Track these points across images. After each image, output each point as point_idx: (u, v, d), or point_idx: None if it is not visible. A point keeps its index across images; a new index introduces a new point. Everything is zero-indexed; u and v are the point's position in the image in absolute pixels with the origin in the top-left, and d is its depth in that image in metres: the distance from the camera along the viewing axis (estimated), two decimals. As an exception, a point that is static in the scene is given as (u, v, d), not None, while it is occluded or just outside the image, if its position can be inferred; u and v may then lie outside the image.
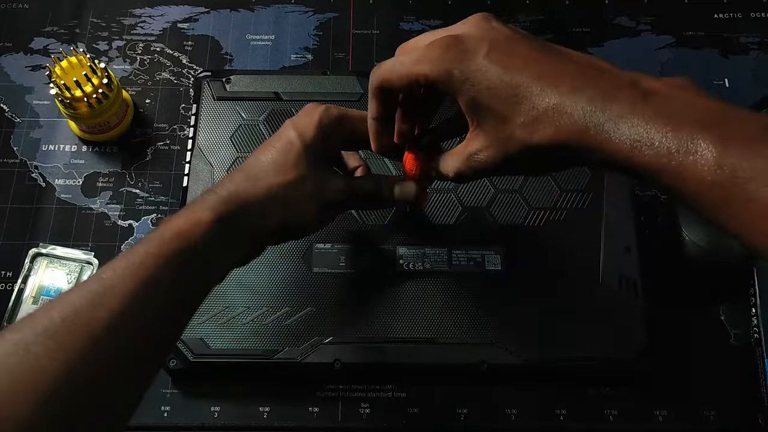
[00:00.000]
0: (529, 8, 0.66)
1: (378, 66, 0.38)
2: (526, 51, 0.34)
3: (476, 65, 0.34)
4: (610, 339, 0.50)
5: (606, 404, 0.51)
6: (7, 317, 0.53)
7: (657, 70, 0.63)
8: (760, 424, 0.51)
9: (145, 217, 0.57)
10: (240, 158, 0.55)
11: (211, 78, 0.58)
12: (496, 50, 0.34)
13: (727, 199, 0.27)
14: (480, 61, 0.34)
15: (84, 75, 0.54)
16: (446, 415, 0.51)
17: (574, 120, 0.31)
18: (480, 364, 0.49)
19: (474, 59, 0.34)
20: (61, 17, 0.65)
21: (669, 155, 0.28)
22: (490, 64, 0.33)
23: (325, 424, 0.51)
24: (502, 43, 0.34)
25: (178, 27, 0.65)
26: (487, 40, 0.34)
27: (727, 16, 0.66)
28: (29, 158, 0.59)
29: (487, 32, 0.35)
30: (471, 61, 0.34)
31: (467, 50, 0.34)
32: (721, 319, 0.54)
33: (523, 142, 0.33)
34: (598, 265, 0.52)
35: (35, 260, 0.55)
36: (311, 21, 0.66)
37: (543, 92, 0.32)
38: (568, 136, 0.31)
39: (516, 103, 0.33)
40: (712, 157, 0.27)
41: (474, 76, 0.34)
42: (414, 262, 0.52)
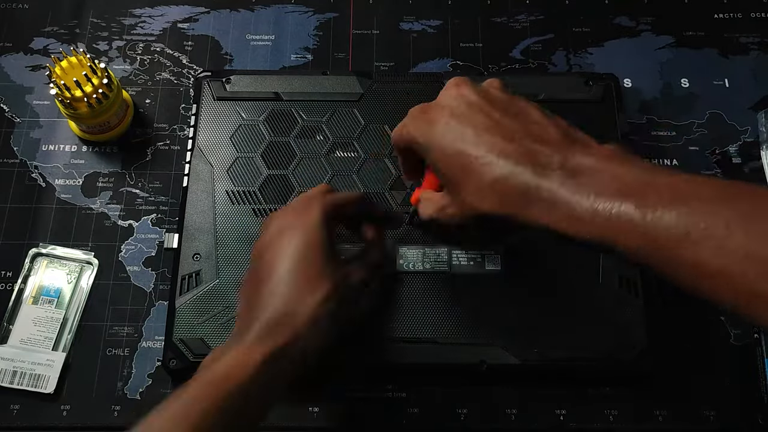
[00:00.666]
0: (529, 8, 0.66)
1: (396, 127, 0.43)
2: (483, 121, 0.37)
3: (434, 133, 0.38)
4: (610, 339, 0.50)
5: (606, 404, 0.51)
6: (7, 317, 0.53)
7: (657, 70, 0.63)
8: (760, 424, 0.51)
9: (145, 217, 0.57)
10: (240, 158, 0.55)
11: (211, 78, 0.58)
12: (454, 120, 0.37)
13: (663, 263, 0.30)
14: (438, 129, 0.37)
15: (84, 75, 0.54)
16: (446, 415, 0.51)
17: (515, 196, 0.34)
18: (480, 364, 0.49)
19: (434, 128, 0.38)
20: (61, 17, 0.65)
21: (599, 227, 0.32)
22: (445, 134, 0.37)
23: (325, 424, 0.51)
24: (462, 113, 0.37)
25: (178, 27, 0.65)
26: (448, 109, 0.38)
27: (727, 16, 0.66)
28: (29, 158, 0.59)
29: (453, 100, 0.38)
30: (431, 129, 0.38)
31: (430, 119, 0.38)
32: (721, 319, 0.54)
33: (474, 208, 0.36)
34: (598, 265, 0.52)
35: (35, 260, 0.55)
36: (311, 21, 0.66)
37: (487, 166, 0.35)
38: (511, 210, 0.34)
39: (466, 172, 0.36)
40: (633, 225, 0.31)
41: (432, 143, 0.38)
42: (414, 262, 0.52)
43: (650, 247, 0.30)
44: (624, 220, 0.31)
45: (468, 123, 0.37)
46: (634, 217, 0.31)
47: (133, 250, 0.56)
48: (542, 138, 0.35)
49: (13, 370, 0.51)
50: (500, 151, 0.35)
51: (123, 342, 0.53)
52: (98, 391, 0.52)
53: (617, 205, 0.31)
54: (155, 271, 0.55)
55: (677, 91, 0.62)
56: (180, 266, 0.52)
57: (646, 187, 0.31)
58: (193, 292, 0.51)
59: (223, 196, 0.54)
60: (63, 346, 0.52)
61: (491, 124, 0.36)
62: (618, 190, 0.32)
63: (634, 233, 0.31)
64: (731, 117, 0.61)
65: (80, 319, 0.53)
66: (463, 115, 0.37)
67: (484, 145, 0.36)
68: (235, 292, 0.51)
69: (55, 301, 0.54)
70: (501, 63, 0.63)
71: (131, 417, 0.51)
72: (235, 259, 0.52)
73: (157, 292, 0.55)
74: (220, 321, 0.50)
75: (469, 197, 0.36)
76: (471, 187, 0.36)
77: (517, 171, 0.34)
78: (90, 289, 0.54)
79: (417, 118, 0.40)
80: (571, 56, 0.64)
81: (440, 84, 0.57)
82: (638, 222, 0.30)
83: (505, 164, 0.35)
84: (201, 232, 0.53)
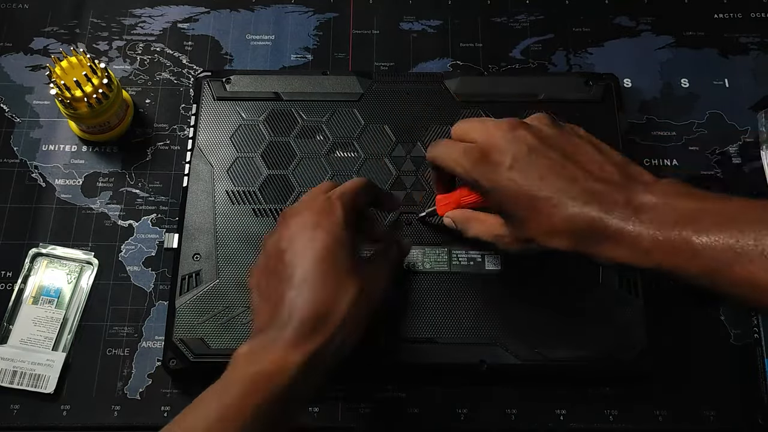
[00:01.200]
0: (529, 8, 0.66)
1: (434, 145, 0.45)
2: (546, 164, 0.39)
3: (499, 177, 0.39)
4: (610, 339, 0.50)
5: (606, 404, 0.51)
6: (7, 317, 0.53)
7: (657, 70, 0.63)
8: (760, 424, 0.51)
9: (145, 217, 0.57)
10: (240, 158, 0.55)
11: (211, 78, 0.58)
12: (517, 164, 0.39)
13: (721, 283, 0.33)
14: (503, 174, 0.39)
15: (84, 75, 0.54)
16: (446, 415, 0.51)
17: (584, 234, 0.37)
18: (480, 364, 0.49)
19: (497, 172, 0.39)
20: (61, 17, 0.65)
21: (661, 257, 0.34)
22: (510, 179, 0.39)
23: (325, 424, 0.51)
24: (524, 157, 0.39)
25: (178, 27, 0.65)
26: (510, 154, 0.39)
27: (727, 16, 0.66)
28: (29, 158, 0.59)
29: (512, 144, 0.40)
30: (495, 173, 0.39)
31: (492, 163, 0.40)
32: (721, 319, 0.54)
33: (541, 245, 0.39)
34: (598, 265, 0.52)
35: (35, 260, 0.55)
36: (311, 21, 0.66)
37: (557, 207, 0.37)
38: (581, 247, 0.37)
39: (534, 214, 0.38)
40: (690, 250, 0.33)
41: (497, 186, 0.39)
42: (414, 262, 0.52)
43: (708, 269, 0.33)
44: (682, 248, 0.34)
45: (532, 166, 0.39)
46: (691, 243, 0.34)
47: (133, 250, 0.56)
48: (602, 178, 0.38)
49: (13, 370, 0.51)
50: (567, 192, 0.37)
51: (123, 342, 0.53)
52: (98, 391, 0.52)
53: (675, 235, 0.34)
54: (155, 271, 0.55)
55: (677, 91, 0.62)
56: (180, 266, 0.52)
57: (700, 213, 0.34)
58: (193, 292, 0.51)
59: (223, 196, 0.54)
60: (63, 346, 0.52)
61: (554, 166, 0.38)
62: (676, 221, 0.34)
63: (692, 258, 0.33)
64: (731, 117, 0.61)
65: (80, 319, 0.53)
66: (526, 160, 0.39)
67: (551, 187, 0.38)
68: (235, 292, 0.51)
69: (55, 301, 0.54)
70: (501, 63, 0.63)
71: (131, 417, 0.51)
72: (235, 259, 0.52)
73: (157, 292, 0.55)
74: (220, 321, 0.50)
75: (539, 237, 0.38)
76: (541, 228, 0.38)
77: (585, 210, 0.37)
78: (90, 289, 0.54)
79: (478, 162, 0.40)
80: (571, 56, 0.64)
81: (440, 84, 0.58)
82: (695, 247, 0.33)
83: (573, 204, 0.37)
84: (201, 232, 0.53)
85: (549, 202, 0.37)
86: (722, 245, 0.33)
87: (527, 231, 0.39)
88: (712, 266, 0.33)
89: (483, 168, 0.40)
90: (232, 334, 0.50)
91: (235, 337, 0.50)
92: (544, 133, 0.40)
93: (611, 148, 0.41)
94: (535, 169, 0.39)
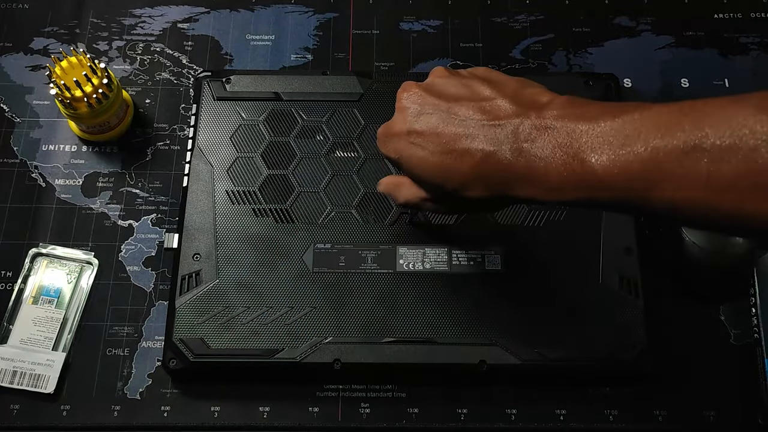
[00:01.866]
0: (529, 8, 0.66)
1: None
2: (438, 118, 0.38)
3: (402, 148, 0.39)
4: (610, 339, 0.50)
5: (606, 404, 0.51)
6: (7, 317, 0.53)
7: (657, 70, 0.63)
8: (760, 424, 0.51)
9: (145, 217, 0.57)
10: (240, 158, 0.55)
11: (211, 78, 0.58)
12: (413, 129, 0.39)
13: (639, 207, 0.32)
14: (404, 143, 0.39)
15: (84, 75, 0.54)
16: (446, 415, 0.51)
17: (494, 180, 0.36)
18: (480, 364, 0.49)
19: (399, 143, 0.39)
20: (61, 17, 0.65)
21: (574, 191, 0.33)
22: (411, 145, 0.39)
23: (325, 424, 0.51)
24: (417, 119, 0.39)
25: (178, 27, 0.65)
26: (403, 121, 0.39)
27: (727, 16, 0.66)
28: (29, 158, 0.59)
29: (404, 110, 0.40)
30: (398, 145, 0.40)
31: (393, 135, 0.40)
32: (721, 319, 0.54)
33: (461, 199, 0.38)
34: (598, 265, 0.52)
35: (35, 260, 0.55)
36: (311, 21, 0.66)
37: (461, 157, 0.36)
38: (496, 192, 0.36)
39: (444, 172, 0.37)
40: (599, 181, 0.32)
41: (404, 157, 0.39)
42: (414, 262, 0.52)
43: (622, 199, 0.32)
44: (589, 180, 0.32)
45: (427, 126, 0.38)
46: (596, 175, 0.32)
47: (133, 250, 0.56)
48: (496, 115, 0.36)
49: (13, 370, 0.51)
50: (465, 140, 0.36)
51: (123, 342, 0.53)
52: (98, 391, 0.52)
53: (577, 167, 0.32)
54: (155, 271, 0.55)
55: (677, 91, 0.62)
56: (180, 266, 0.52)
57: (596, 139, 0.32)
58: (193, 292, 0.51)
59: (223, 196, 0.54)
60: (63, 346, 0.52)
61: (448, 118, 0.38)
62: (574, 152, 0.32)
63: (603, 190, 0.32)
64: (731, 117, 0.61)
65: (80, 319, 0.53)
66: (419, 120, 0.39)
67: (450, 140, 0.37)
68: (235, 292, 0.51)
69: (55, 301, 0.54)
70: (501, 63, 0.63)
71: (131, 417, 0.51)
72: (235, 259, 0.52)
73: (157, 292, 0.55)
74: (220, 321, 0.50)
75: (456, 191, 0.37)
76: (454, 182, 0.37)
77: (487, 152, 0.35)
78: (90, 289, 0.54)
79: (384, 137, 0.41)
80: (571, 56, 0.64)
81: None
82: (601, 179, 0.31)
83: (475, 150, 0.36)
84: (201, 232, 0.53)
85: (451, 156, 0.37)
86: (625, 173, 0.31)
87: (444, 190, 0.38)
88: (623, 195, 0.31)
89: (388, 142, 0.41)
90: (232, 334, 0.50)
91: (235, 337, 0.50)
92: (435, 86, 0.40)
93: (507, 76, 0.39)
94: (430, 125, 0.38)
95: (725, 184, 0.28)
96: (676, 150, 0.29)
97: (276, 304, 0.51)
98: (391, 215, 0.54)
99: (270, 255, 0.52)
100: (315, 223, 0.53)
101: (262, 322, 0.50)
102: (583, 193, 0.33)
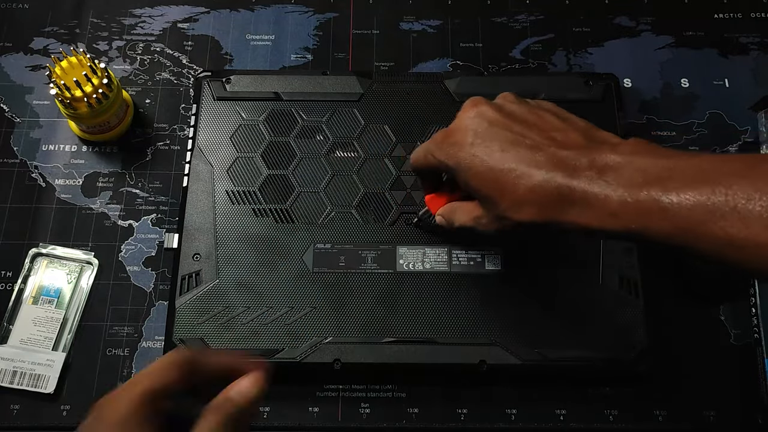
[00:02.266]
0: (529, 8, 0.66)
1: (414, 150, 0.45)
2: (507, 136, 0.38)
3: (462, 154, 0.39)
4: (610, 339, 0.50)
5: (606, 404, 0.51)
6: (7, 317, 0.53)
7: (657, 70, 0.63)
8: (760, 424, 0.51)
9: (145, 217, 0.57)
10: (240, 158, 0.55)
11: (211, 78, 0.58)
12: (478, 139, 0.39)
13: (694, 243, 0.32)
14: (465, 151, 0.39)
15: (84, 75, 0.54)
16: (446, 415, 0.51)
17: (550, 202, 0.36)
18: (480, 364, 0.49)
19: (461, 151, 0.39)
20: (61, 17, 0.65)
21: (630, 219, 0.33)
22: (474, 156, 0.38)
23: (325, 424, 0.51)
24: (484, 132, 0.39)
25: (178, 27, 0.65)
26: (471, 131, 0.39)
27: (727, 16, 0.66)
28: (29, 158, 0.59)
29: (473, 121, 0.40)
30: (459, 153, 0.39)
31: (455, 142, 0.40)
32: (721, 319, 0.54)
33: (512, 220, 0.38)
34: (598, 265, 0.52)
35: (35, 260, 0.55)
36: (311, 21, 0.66)
37: (520, 178, 0.36)
38: (548, 216, 0.36)
39: (499, 188, 0.37)
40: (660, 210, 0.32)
41: (462, 165, 0.39)
42: (414, 262, 0.52)
43: (679, 229, 0.32)
44: (651, 208, 0.32)
45: (493, 140, 0.38)
46: (660, 202, 0.32)
47: (133, 250, 0.56)
48: (566, 144, 0.37)
49: (13, 370, 0.51)
50: (529, 162, 0.36)
51: (123, 342, 0.53)
52: (98, 391, 0.52)
53: (644, 195, 0.33)
54: (155, 271, 0.55)
55: (677, 91, 0.62)
56: (180, 266, 0.52)
57: (669, 172, 0.33)
58: (193, 292, 0.51)
59: (223, 196, 0.54)
60: (63, 346, 0.52)
61: (516, 138, 0.38)
62: (644, 181, 0.33)
63: (663, 219, 0.32)
64: (731, 117, 0.61)
65: (80, 319, 0.53)
66: (486, 134, 0.38)
67: (513, 159, 0.37)
68: (235, 292, 0.51)
69: (55, 301, 0.54)
70: (501, 63, 0.63)
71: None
72: (235, 259, 0.52)
73: (157, 292, 0.55)
74: (220, 321, 0.50)
75: (508, 210, 0.37)
76: (507, 201, 0.37)
77: (549, 177, 0.35)
78: (90, 289, 0.54)
79: (442, 143, 0.41)
80: (571, 56, 0.64)
81: (440, 84, 0.58)
82: (665, 206, 0.32)
83: (537, 173, 0.36)
84: (201, 232, 0.53)
85: (512, 174, 0.37)
86: (692, 203, 0.31)
87: (497, 207, 0.38)
88: (683, 225, 0.31)
89: (447, 148, 0.40)
90: (232, 334, 0.50)
91: (235, 337, 0.50)
92: (506, 108, 0.40)
93: (576, 116, 0.40)
94: (496, 142, 0.38)
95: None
96: (750, 188, 0.30)
97: (276, 304, 0.51)
98: (391, 215, 0.54)
99: (270, 255, 0.52)
100: (315, 223, 0.53)
101: (262, 322, 0.50)
102: (639, 221, 0.33)
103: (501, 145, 0.38)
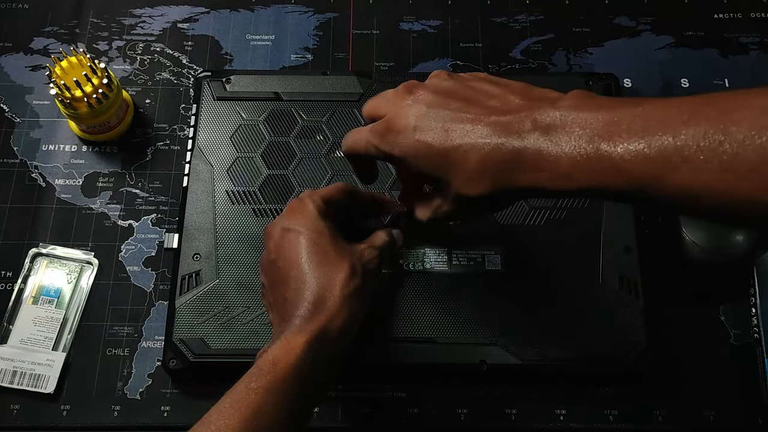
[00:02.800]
0: (529, 8, 0.66)
1: (348, 133, 0.43)
2: (447, 115, 0.37)
3: (408, 145, 0.38)
4: (610, 339, 0.50)
5: (606, 404, 0.51)
6: (7, 317, 0.53)
7: (657, 70, 0.63)
8: (760, 424, 0.51)
9: (145, 217, 0.57)
10: (240, 158, 0.55)
11: (211, 78, 0.58)
12: (420, 123, 0.38)
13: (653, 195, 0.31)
14: (410, 138, 0.38)
15: (84, 75, 0.54)
16: (446, 415, 0.51)
17: (501, 169, 0.35)
18: (480, 364, 0.49)
19: (405, 140, 0.38)
20: (61, 17, 0.65)
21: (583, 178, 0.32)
22: (419, 142, 0.37)
23: (325, 424, 0.51)
24: (425, 117, 0.38)
25: (178, 27, 0.65)
26: (412, 117, 0.38)
27: (727, 16, 0.66)
28: (29, 158, 0.59)
29: (411, 107, 0.39)
30: (403, 142, 0.38)
31: (398, 131, 0.39)
32: (721, 319, 0.54)
33: (469, 195, 0.37)
34: (598, 265, 0.52)
35: (35, 260, 0.55)
36: (311, 21, 0.66)
37: (467, 153, 0.36)
38: (502, 184, 0.35)
39: (451, 167, 0.37)
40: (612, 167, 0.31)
41: (408, 151, 0.38)
42: (414, 262, 0.52)
43: (636, 184, 0.31)
44: (603, 165, 0.31)
45: (435, 122, 0.37)
46: (611, 159, 0.31)
47: (133, 250, 0.56)
48: (506, 109, 0.36)
49: (13, 370, 0.51)
50: (474, 135, 0.36)
51: (123, 342, 0.53)
52: (98, 391, 0.52)
53: (593, 152, 0.32)
54: (155, 271, 0.55)
55: (677, 91, 0.62)
56: (180, 266, 0.52)
57: (615, 126, 0.32)
58: (193, 292, 0.51)
59: (223, 196, 0.54)
60: (63, 346, 0.52)
61: (456, 115, 0.37)
62: (591, 137, 0.32)
63: (616, 175, 0.31)
64: (731, 117, 0.61)
65: (80, 319, 0.53)
66: (426, 117, 0.38)
67: (458, 136, 0.36)
68: (235, 292, 0.51)
69: (55, 301, 0.54)
70: (501, 63, 0.63)
71: (131, 417, 0.51)
72: (235, 259, 0.52)
73: (157, 292, 0.55)
74: (220, 321, 0.50)
75: (462, 188, 0.37)
76: (460, 179, 0.36)
77: (496, 146, 0.35)
78: (90, 289, 0.54)
79: (385, 134, 0.39)
80: (571, 56, 0.64)
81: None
82: (617, 163, 0.31)
83: (483, 144, 0.35)
84: (201, 232, 0.53)
85: (459, 151, 0.36)
86: (642, 157, 0.30)
87: (451, 187, 0.37)
88: (637, 180, 0.31)
89: (391, 139, 0.39)
90: (232, 334, 0.50)
91: (235, 337, 0.50)
92: (441, 87, 0.39)
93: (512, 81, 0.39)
94: (438, 123, 0.37)
95: (746, 169, 0.28)
96: (697, 134, 0.29)
97: (276, 304, 0.51)
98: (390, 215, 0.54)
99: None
100: (315, 223, 0.53)
101: (262, 322, 0.50)
102: (594, 179, 0.32)
103: (443, 125, 0.37)
